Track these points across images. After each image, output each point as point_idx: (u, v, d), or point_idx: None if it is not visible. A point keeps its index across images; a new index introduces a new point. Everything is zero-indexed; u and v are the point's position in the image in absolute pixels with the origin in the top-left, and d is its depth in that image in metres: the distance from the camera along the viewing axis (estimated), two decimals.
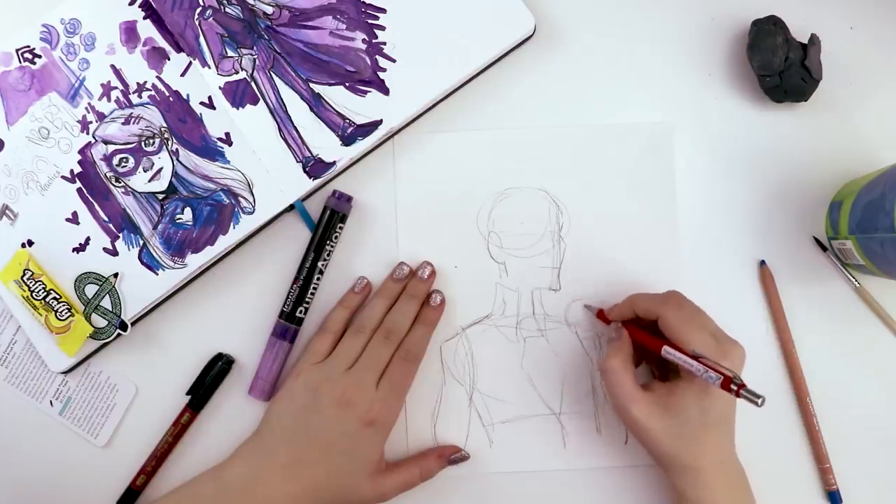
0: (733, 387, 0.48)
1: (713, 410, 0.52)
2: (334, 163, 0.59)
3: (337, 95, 0.60)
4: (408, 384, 0.58)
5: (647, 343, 0.54)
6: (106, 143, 0.60)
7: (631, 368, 0.54)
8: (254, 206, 0.59)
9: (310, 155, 0.59)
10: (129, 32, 0.60)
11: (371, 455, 0.56)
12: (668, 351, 0.52)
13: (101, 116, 0.60)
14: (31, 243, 0.59)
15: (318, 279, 0.60)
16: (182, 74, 0.60)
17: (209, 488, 0.56)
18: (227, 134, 0.60)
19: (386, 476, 0.57)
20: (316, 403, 0.56)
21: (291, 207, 0.60)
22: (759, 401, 0.47)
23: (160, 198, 0.59)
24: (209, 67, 0.60)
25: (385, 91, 0.60)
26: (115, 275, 0.59)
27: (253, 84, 0.60)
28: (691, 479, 0.52)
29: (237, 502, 0.55)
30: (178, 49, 0.60)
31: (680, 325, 0.52)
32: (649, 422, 0.52)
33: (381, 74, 0.60)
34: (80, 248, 0.59)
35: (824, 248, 0.61)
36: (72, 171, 0.60)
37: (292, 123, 0.59)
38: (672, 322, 0.52)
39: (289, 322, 0.60)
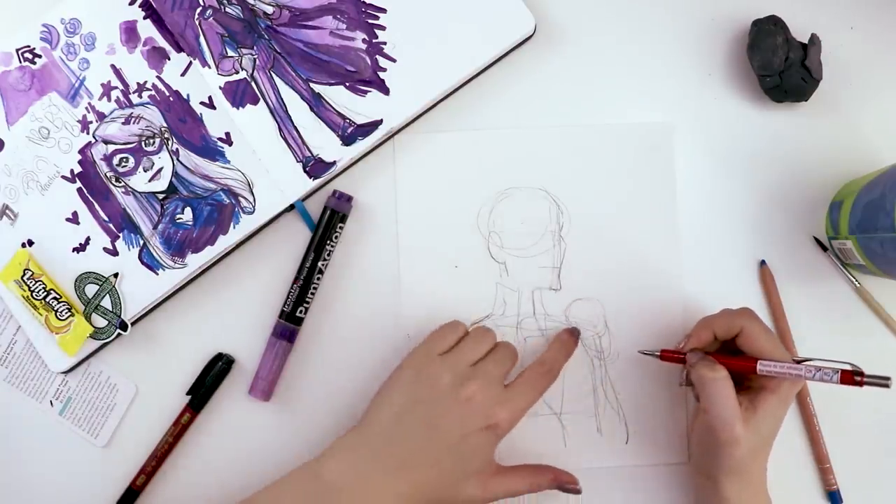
0: (857, 378, 0.48)
1: (780, 420, 0.53)
2: (334, 163, 0.59)
3: (337, 95, 0.60)
4: (538, 393, 0.55)
5: (737, 364, 0.52)
6: (106, 142, 0.60)
7: (732, 384, 0.52)
8: (254, 206, 0.59)
9: (310, 155, 0.59)
10: (130, 32, 0.60)
11: (484, 457, 0.54)
12: (765, 364, 0.51)
13: (101, 116, 0.60)
14: (31, 243, 0.59)
15: (318, 279, 0.60)
16: (182, 74, 0.60)
17: (311, 486, 0.53)
18: (228, 134, 0.60)
19: (494, 479, 0.54)
20: (437, 398, 0.53)
21: (291, 207, 0.60)
22: (889, 382, 0.47)
23: (160, 198, 0.59)
24: (209, 67, 0.60)
25: (385, 91, 0.60)
26: (115, 275, 0.59)
27: (253, 84, 0.60)
28: (744, 484, 0.53)
29: (342, 501, 0.52)
30: (179, 49, 0.60)
31: (767, 336, 0.52)
32: (745, 438, 0.51)
33: (381, 74, 0.60)
34: (80, 248, 0.59)
35: (824, 248, 0.61)
36: (72, 171, 0.60)
37: (292, 123, 0.59)
38: (760, 334, 0.52)
39: (289, 322, 0.59)
